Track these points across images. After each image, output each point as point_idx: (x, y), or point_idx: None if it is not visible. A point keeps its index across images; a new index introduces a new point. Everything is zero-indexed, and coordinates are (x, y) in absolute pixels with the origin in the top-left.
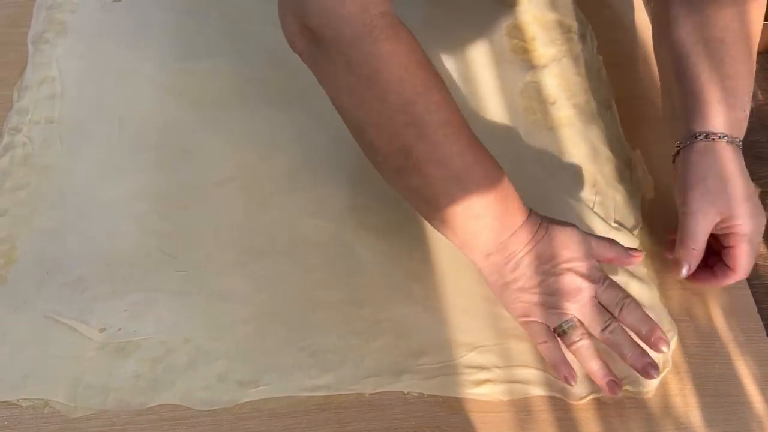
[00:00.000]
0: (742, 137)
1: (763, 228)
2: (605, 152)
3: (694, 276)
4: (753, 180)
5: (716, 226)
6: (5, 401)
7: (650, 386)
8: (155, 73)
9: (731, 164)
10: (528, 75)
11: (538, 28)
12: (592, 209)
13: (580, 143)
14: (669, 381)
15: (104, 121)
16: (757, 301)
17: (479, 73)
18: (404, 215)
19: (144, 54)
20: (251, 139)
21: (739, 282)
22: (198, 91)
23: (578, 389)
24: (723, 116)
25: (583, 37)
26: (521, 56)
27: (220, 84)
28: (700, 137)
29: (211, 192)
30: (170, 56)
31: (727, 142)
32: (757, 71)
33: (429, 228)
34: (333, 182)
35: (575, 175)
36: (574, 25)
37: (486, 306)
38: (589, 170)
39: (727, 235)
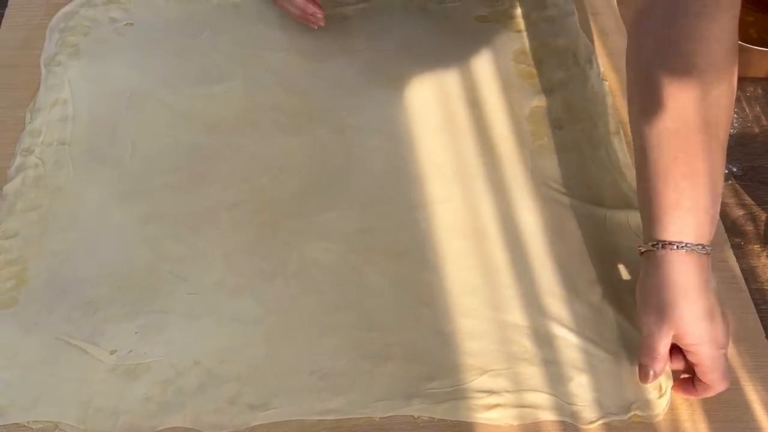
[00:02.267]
0: (706, 241)
1: (726, 341)
2: (612, 177)
3: (678, 387)
4: (759, 206)
5: (675, 340)
6: (15, 423)
7: (659, 410)
8: (167, 97)
9: (687, 277)
10: (535, 99)
11: (544, 54)
12: (601, 229)
13: (587, 167)
14: (678, 406)
15: (116, 144)
16: (765, 327)
17: (487, 97)
18: (413, 238)
19: (156, 78)
20: (262, 163)
21: (746, 307)
22: (210, 116)
23: (589, 414)
24: (680, 222)
25: (589, 62)
26: (528, 81)
27: (232, 109)
28: (656, 246)
29: (223, 215)
30: (182, 80)
31: (686, 251)
32: (761, 96)
33: (438, 251)
34: (342, 205)
35: (583, 196)
36: (581, 50)
37: (496, 330)
38: (596, 193)
39: (689, 351)
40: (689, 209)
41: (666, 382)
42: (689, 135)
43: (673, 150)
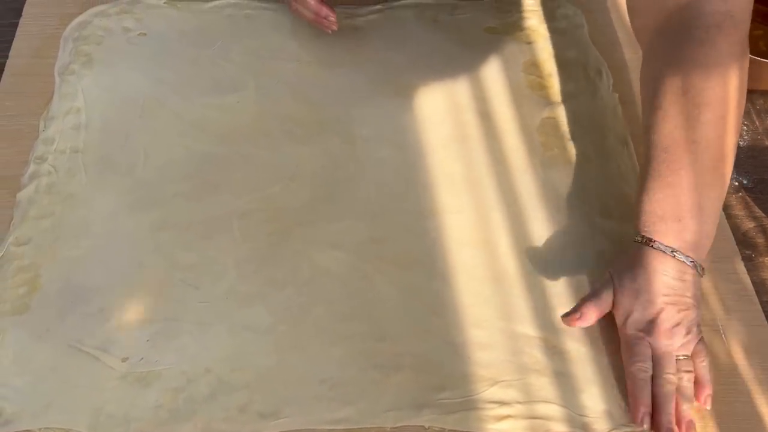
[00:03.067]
0: (689, 250)
1: (679, 347)
2: (621, 189)
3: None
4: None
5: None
6: (27, 430)
7: None
8: (180, 106)
9: (652, 267)
10: (545, 111)
11: (555, 66)
12: (612, 240)
13: (597, 178)
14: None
15: (129, 153)
16: None
17: (497, 108)
18: (423, 248)
19: (169, 87)
20: (274, 172)
21: (757, 320)
22: (222, 125)
23: (600, 425)
24: (656, 224)
25: (599, 74)
26: (538, 92)
27: (244, 118)
28: (638, 238)
29: (234, 224)
30: (195, 90)
31: (657, 250)
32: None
33: (449, 261)
34: (352, 215)
35: (594, 208)
36: (591, 62)
37: (506, 340)
38: (606, 204)
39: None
40: (665, 217)
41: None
42: (676, 151)
43: (661, 162)
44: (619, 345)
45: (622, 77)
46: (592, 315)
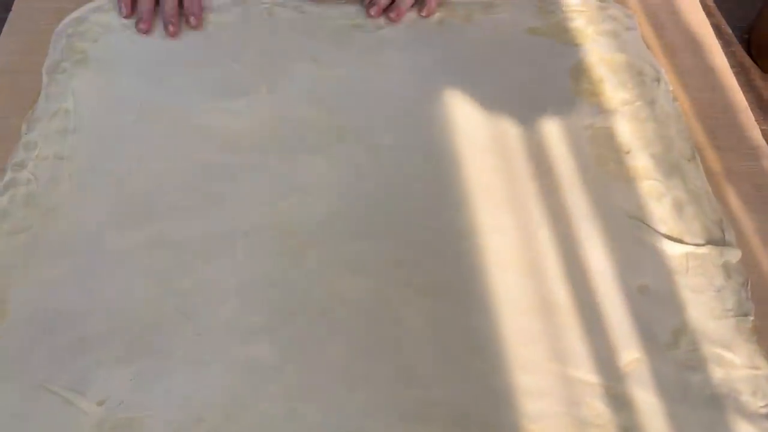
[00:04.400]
0: None
1: None
2: (691, 209)
3: None
4: None
5: None
6: None
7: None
8: (183, 111)
9: None
10: (597, 120)
11: (605, 71)
12: (686, 271)
13: (662, 198)
14: None
15: (121, 161)
16: None
17: (541, 116)
18: (458, 274)
19: (170, 89)
20: (286, 184)
21: None
22: (229, 132)
23: None
24: None
25: (656, 81)
26: (588, 100)
27: (254, 124)
28: None
29: (239, 242)
30: (200, 93)
31: None
32: None
33: (489, 290)
34: (376, 234)
35: (660, 232)
36: (646, 68)
37: (560, 388)
38: (675, 229)
39: None
40: None
41: None
42: None
43: None
44: (697, 397)
45: (683, 84)
46: None
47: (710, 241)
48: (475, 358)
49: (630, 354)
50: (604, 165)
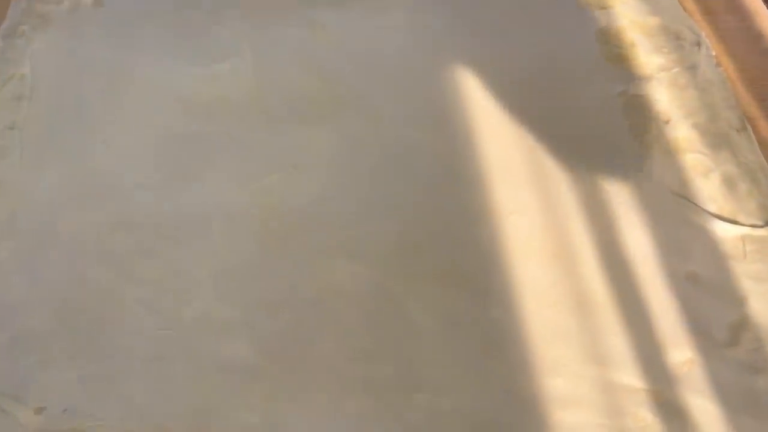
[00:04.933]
0: None
1: None
2: (744, 186)
3: None
4: None
5: None
6: None
7: None
8: (156, 77)
9: None
10: (630, 87)
11: (638, 33)
12: (743, 256)
13: (709, 173)
14: None
15: (83, 133)
16: None
17: (566, 84)
18: (476, 262)
19: (143, 54)
20: (273, 158)
21: None
22: (209, 100)
23: None
24: None
25: (697, 45)
26: (619, 65)
27: (237, 92)
28: None
29: (216, 225)
30: (176, 58)
31: None
32: None
33: (510, 280)
34: (377, 216)
35: (710, 212)
36: (684, 31)
37: (600, 394)
38: (726, 209)
39: None
40: None
41: None
42: None
43: None
44: (766, 403)
45: (726, 50)
46: None
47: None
48: (494, 360)
49: (681, 353)
50: (640, 136)
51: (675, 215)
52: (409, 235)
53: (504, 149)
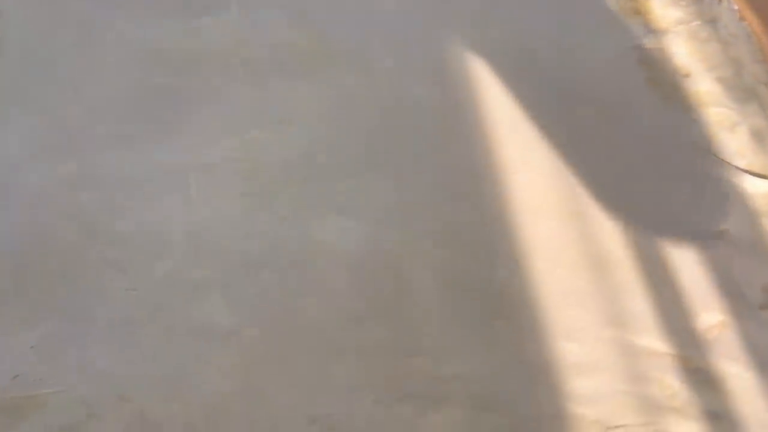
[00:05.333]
0: None
1: None
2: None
3: None
4: None
5: None
6: None
7: None
8: (133, 30)
9: None
10: (646, 40)
11: None
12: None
13: (736, 127)
14: None
15: (55, 85)
16: None
17: (575, 37)
18: (478, 218)
19: (119, 5)
20: (258, 112)
21: None
22: (190, 53)
23: None
24: None
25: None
26: (634, 18)
27: (220, 45)
28: None
29: (193, 179)
30: (157, 11)
31: None
32: None
33: (519, 238)
34: (371, 172)
35: (742, 167)
36: None
37: (621, 359)
38: (754, 163)
39: None
40: None
41: None
42: None
43: None
44: None
45: (750, 4)
46: None
47: None
48: (500, 323)
49: (711, 316)
50: (657, 89)
51: (700, 170)
52: (406, 191)
53: (510, 104)
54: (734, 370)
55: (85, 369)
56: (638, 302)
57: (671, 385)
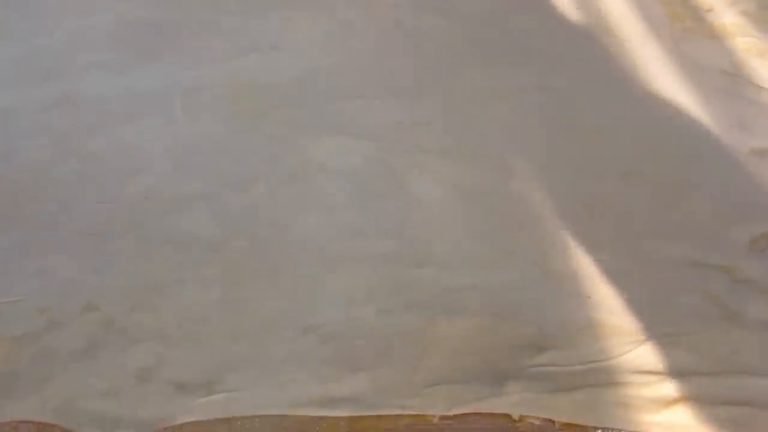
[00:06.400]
0: None
1: None
2: None
3: None
4: None
5: None
6: None
7: None
8: None
9: None
10: None
11: None
12: None
13: (765, 54)
14: None
15: (34, 16)
16: None
17: None
18: (489, 136)
19: None
20: (249, 39)
21: None
22: None
23: None
24: None
25: None
26: None
27: None
28: None
29: (178, 101)
30: None
31: None
32: None
33: (536, 151)
34: (373, 92)
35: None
36: None
37: (668, 268)
38: None
39: None
40: None
41: None
42: None
43: None
44: None
45: None
46: None
47: None
48: (521, 232)
49: (755, 228)
50: (680, 22)
51: (730, 93)
52: (412, 111)
53: (525, 32)
54: None
55: (47, 278)
56: (675, 214)
57: (716, 290)
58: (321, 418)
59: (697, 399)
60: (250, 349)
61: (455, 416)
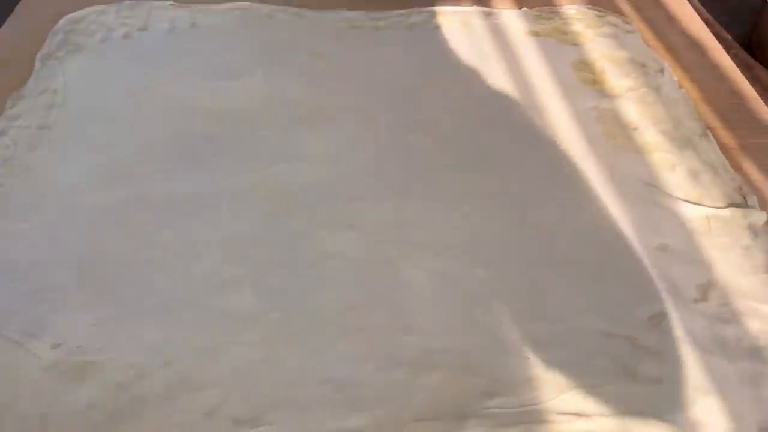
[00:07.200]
0: None
1: None
2: (707, 177)
3: None
4: None
5: None
6: None
7: None
8: (175, 90)
9: None
10: (603, 102)
11: (607, 64)
12: (708, 231)
13: (675, 167)
14: None
15: (108, 132)
16: None
17: (548, 101)
18: (463, 232)
19: (163, 72)
20: (278, 151)
21: None
22: (221, 108)
23: None
24: None
25: (660, 72)
26: (592, 86)
27: (248, 102)
28: None
29: (225, 203)
30: (193, 75)
31: None
32: None
33: (496, 245)
34: (373, 195)
35: (678, 197)
36: (649, 62)
37: (587, 337)
38: (693, 194)
39: None
40: None
41: None
42: None
43: None
44: (733, 347)
45: (689, 77)
46: None
47: (732, 205)
48: (480, 310)
49: (654, 307)
50: (612, 139)
51: (646, 199)
52: (403, 211)
53: (492, 148)
54: (676, 347)
55: (134, 342)
56: (595, 295)
57: (623, 354)
58: None
59: None
60: (284, 394)
61: None
